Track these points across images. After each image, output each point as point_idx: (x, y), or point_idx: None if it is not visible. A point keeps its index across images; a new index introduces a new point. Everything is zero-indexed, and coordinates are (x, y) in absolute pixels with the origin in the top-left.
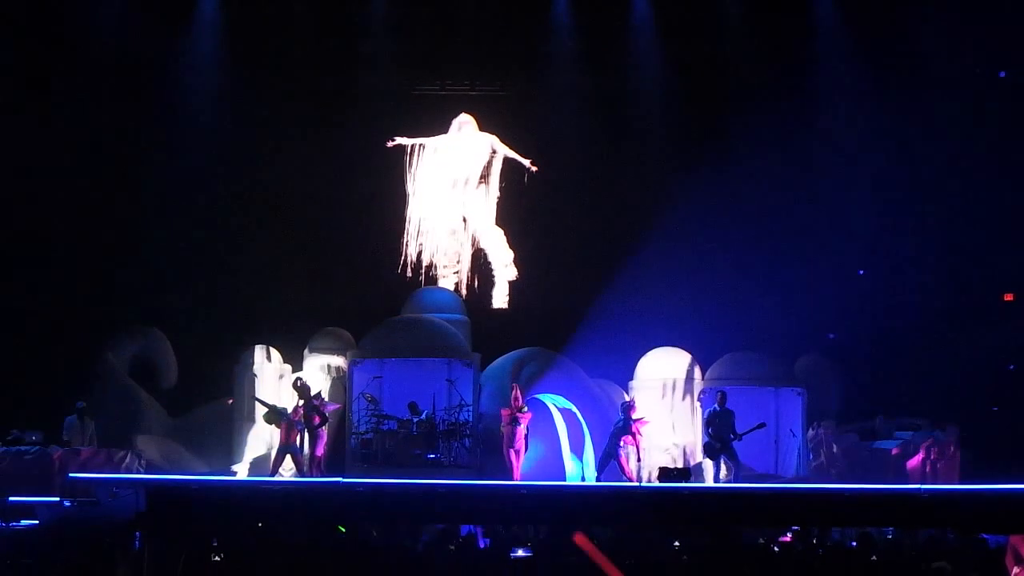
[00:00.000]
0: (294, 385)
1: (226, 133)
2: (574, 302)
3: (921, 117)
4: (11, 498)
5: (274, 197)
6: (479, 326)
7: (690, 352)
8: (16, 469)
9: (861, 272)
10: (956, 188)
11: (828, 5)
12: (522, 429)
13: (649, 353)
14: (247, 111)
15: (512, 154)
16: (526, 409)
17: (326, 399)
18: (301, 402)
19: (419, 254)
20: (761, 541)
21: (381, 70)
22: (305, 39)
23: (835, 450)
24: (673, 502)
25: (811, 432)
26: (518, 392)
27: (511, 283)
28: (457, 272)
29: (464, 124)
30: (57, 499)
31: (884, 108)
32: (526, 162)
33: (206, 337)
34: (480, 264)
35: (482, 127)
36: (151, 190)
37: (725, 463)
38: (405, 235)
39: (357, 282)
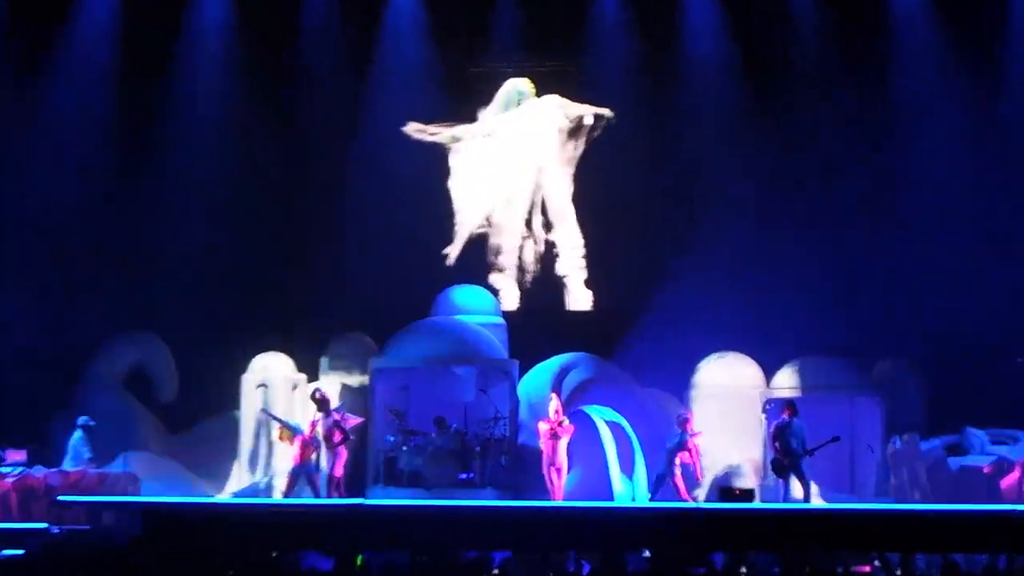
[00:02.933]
0: (313, 397)
1: (230, 112)
2: (623, 302)
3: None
4: None
5: (288, 184)
6: (522, 328)
7: (754, 358)
8: None
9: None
10: None
11: None
12: (563, 445)
13: (708, 359)
14: (252, 89)
15: (580, 109)
16: (568, 422)
17: (347, 413)
18: (319, 416)
19: (461, 247)
20: (839, 571)
21: (411, 45)
22: (321, 11)
23: (919, 467)
24: (736, 525)
25: (891, 447)
26: (559, 403)
27: (560, 280)
28: (502, 270)
29: (517, 92)
30: (44, 525)
31: (974, 91)
32: (605, 112)
33: (210, 343)
34: (543, 259)
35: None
36: (150, 181)
37: (794, 482)
38: (447, 227)
39: (385, 280)
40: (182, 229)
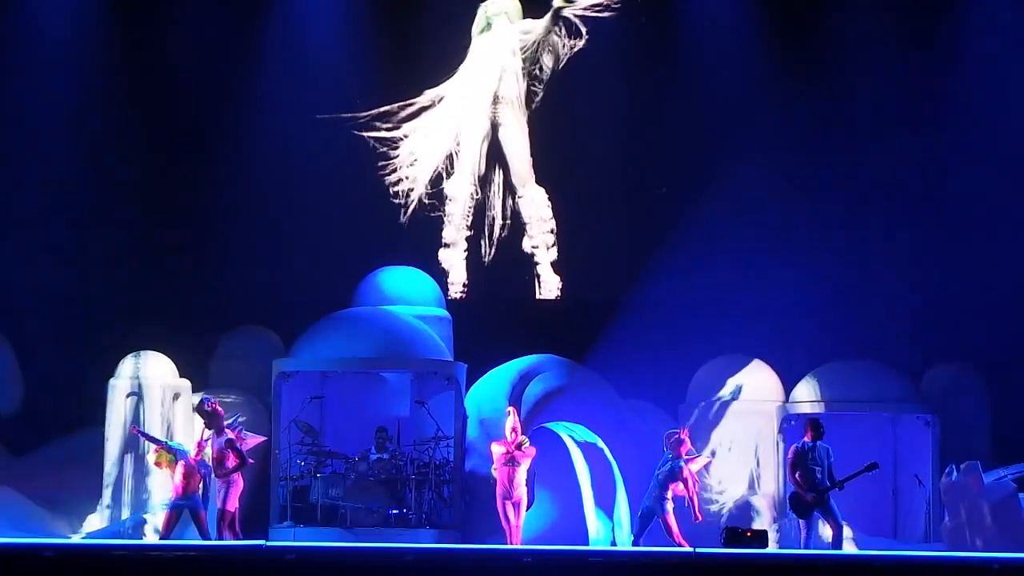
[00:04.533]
0: (200, 409)
1: (91, 47)
2: (601, 290)
3: None
4: None
5: (171, 138)
6: (472, 322)
7: (769, 363)
8: None
9: None
10: None
11: None
12: (523, 472)
13: (709, 364)
14: (126, 25)
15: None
16: (529, 444)
17: (245, 430)
18: (208, 434)
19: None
20: None
21: None
22: None
23: (981, 505)
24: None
25: (946, 479)
26: (518, 419)
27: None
28: (449, 245)
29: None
30: None
31: None
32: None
33: (66, 339)
34: (502, 235)
35: None
36: None
37: (820, 522)
38: (377, 195)
39: (294, 260)
40: (30, 193)
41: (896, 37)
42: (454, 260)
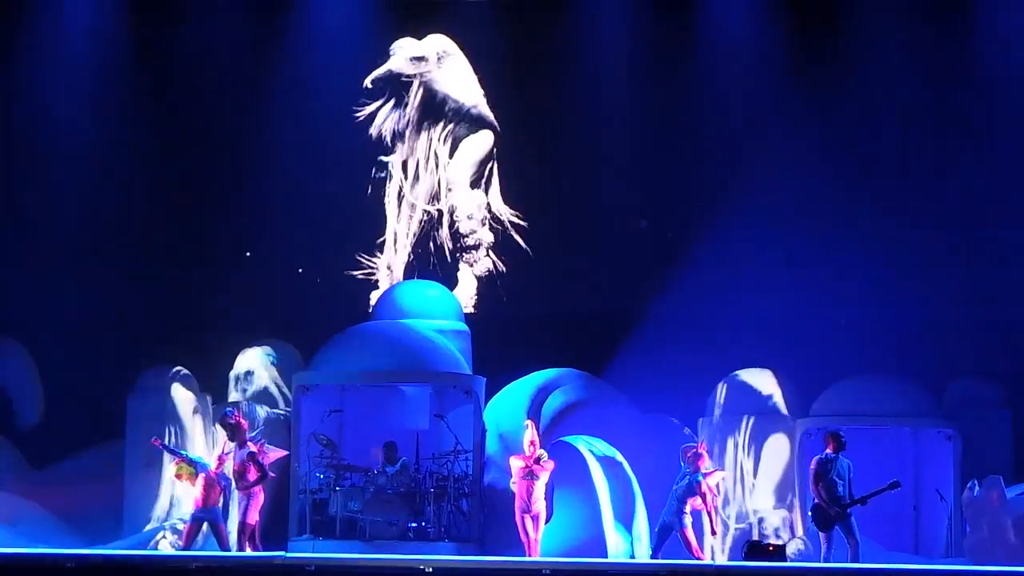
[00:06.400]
0: (223, 422)
1: (111, 70)
2: (621, 305)
3: None
4: None
5: (189, 152)
6: (490, 335)
7: (789, 376)
8: None
9: None
10: None
11: None
12: (541, 486)
13: (728, 378)
14: (145, 46)
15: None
16: (547, 457)
17: (267, 443)
18: (230, 447)
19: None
20: None
21: None
22: None
23: (1004, 521)
24: None
25: (968, 494)
26: (536, 433)
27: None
28: (472, 263)
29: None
30: None
31: None
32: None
33: (87, 354)
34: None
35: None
36: (17, 155)
37: (840, 536)
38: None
39: (314, 274)
40: (51, 207)
41: (917, 47)
42: (470, 277)
